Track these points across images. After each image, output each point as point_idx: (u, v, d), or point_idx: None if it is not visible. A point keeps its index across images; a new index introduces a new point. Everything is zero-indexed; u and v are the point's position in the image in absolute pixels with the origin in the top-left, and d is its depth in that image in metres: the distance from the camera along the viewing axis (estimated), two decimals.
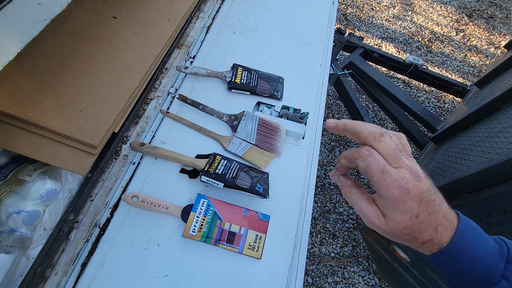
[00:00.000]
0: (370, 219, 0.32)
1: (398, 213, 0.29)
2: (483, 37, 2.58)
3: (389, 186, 0.28)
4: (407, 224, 0.29)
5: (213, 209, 0.55)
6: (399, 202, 0.29)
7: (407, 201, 0.29)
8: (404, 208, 0.29)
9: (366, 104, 2.07)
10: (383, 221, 0.31)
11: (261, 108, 0.74)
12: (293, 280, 0.54)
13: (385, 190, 0.29)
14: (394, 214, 0.30)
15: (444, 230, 0.30)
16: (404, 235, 0.30)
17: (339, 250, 1.52)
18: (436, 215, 0.30)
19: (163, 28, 0.76)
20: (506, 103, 0.98)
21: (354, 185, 0.34)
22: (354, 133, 0.32)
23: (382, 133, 0.30)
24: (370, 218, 0.31)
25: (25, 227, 0.52)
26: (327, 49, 0.91)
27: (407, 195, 0.28)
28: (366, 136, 0.31)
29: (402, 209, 0.29)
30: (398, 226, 0.30)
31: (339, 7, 2.63)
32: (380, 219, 0.31)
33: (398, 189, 0.28)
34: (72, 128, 0.56)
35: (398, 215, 0.29)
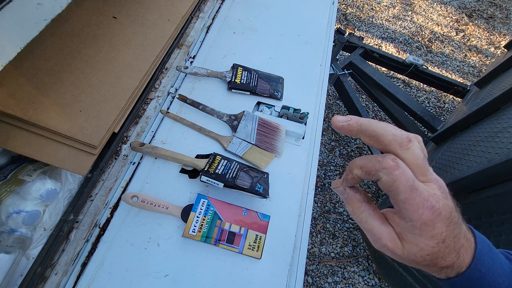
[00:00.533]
0: (382, 242, 0.26)
1: (424, 238, 0.24)
2: (483, 37, 2.58)
3: (418, 207, 0.23)
4: (431, 251, 0.25)
5: (213, 209, 0.55)
6: (428, 226, 0.24)
7: (437, 224, 0.24)
8: (433, 233, 0.24)
9: (366, 104, 2.07)
10: (399, 246, 0.26)
11: (261, 108, 0.74)
12: (293, 280, 0.54)
13: (412, 211, 0.24)
14: (418, 240, 0.25)
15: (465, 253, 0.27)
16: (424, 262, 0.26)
17: (339, 250, 1.52)
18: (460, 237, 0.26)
19: (163, 28, 0.76)
20: (506, 103, 0.98)
21: (364, 200, 0.28)
22: (374, 136, 0.25)
23: (409, 139, 0.24)
24: (383, 241, 0.26)
25: (25, 227, 0.52)
26: (327, 49, 0.91)
27: (438, 217, 0.24)
28: (390, 141, 0.25)
29: (430, 234, 0.24)
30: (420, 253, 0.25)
31: (339, 7, 2.63)
32: (395, 242, 0.26)
33: (429, 210, 0.24)
34: (72, 128, 0.56)
35: (424, 241, 0.25)
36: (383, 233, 0.26)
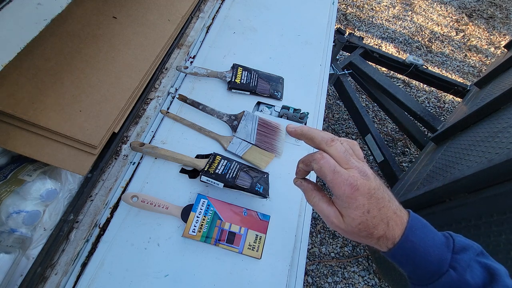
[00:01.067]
0: (330, 219, 0.34)
1: (352, 209, 0.32)
2: (483, 37, 2.58)
3: (340, 184, 0.32)
4: (361, 220, 0.32)
5: (213, 209, 0.55)
6: (351, 198, 0.32)
7: (358, 197, 0.31)
8: (356, 204, 0.32)
9: (366, 104, 2.07)
10: (341, 220, 0.33)
11: (261, 108, 0.74)
12: (293, 280, 0.54)
13: (337, 188, 0.32)
14: (349, 211, 0.32)
15: (396, 225, 0.33)
16: (360, 232, 0.33)
17: (339, 250, 1.52)
18: (386, 210, 0.33)
19: (163, 28, 0.76)
20: (506, 103, 0.98)
21: (315, 189, 0.37)
22: (309, 138, 0.36)
23: (333, 139, 0.34)
24: (330, 218, 0.34)
25: (25, 227, 0.52)
26: (327, 49, 0.91)
27: (357, 192, 0.31)
28: (319, 141, 0.35)
29: (355, 205, 0.32)
30: (353, 223, 0.32)
31: (339, 7, 2.63)
32: (338, 218, 0.33)
33: (348, 187, 0.31)
34: (72, 128, 0.56)
35: (352, 211, 0.32)
36: (330, 212, 0.34)
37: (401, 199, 1.08)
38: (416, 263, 0.33)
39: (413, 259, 0.33)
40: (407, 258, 0.33)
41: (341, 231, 0.34)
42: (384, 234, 0.33)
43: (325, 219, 0.35)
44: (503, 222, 0.71)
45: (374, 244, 0.34)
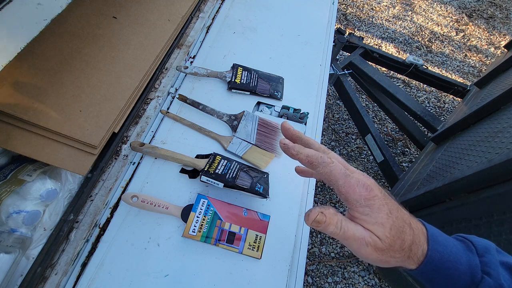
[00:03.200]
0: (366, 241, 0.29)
1: (375, 213, 0.29)
2: (483, 37, 2.58)
3: (354, 187, 0.29)
4: (390, 224, 0.29)
5: (213, 209, 0.55)
6: (370, 200, 0.29)
7: (375, 197, 0.29)
8: (377, 205, 0.29)
9: (366, 104, 2.07)
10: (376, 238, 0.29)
11: (261, 108, 0.74)
12: (293, 280, 0.54)
13: (352, 192, 0.29)
14: (373, 216, 0.29)
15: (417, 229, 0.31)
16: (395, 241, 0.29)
17: (339, 250, 1.52)
18: (402, 211, 0.31)
19: (163, 28, 0.76)
20: (506, 103, 0.98)
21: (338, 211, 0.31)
22: (307, 144, 0.35)
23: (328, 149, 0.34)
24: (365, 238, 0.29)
25: (25, 227, 0.52)
26: (327, 49, 0.91)
27: (372, 192, 0.29)
28: (319, 147, 0.34)
29: (376, 206, 0.29)
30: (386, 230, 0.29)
31: (339, 7, 2.63)
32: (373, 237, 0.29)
33: (363, 187, 0.29)
34: (72, 128, 0.56)
35: (377, 215, 0.29)
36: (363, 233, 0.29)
37: (401, 199, 1.08)
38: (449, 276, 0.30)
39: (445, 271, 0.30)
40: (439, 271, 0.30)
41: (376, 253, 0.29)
42: (413, 239, 0.30)
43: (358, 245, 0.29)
44: (503, 222, 0.71)
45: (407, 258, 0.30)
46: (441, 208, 0.88)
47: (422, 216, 0.37)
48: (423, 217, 0.36)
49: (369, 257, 0.30)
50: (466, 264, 0.30)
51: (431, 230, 0.31)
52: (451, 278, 0.30)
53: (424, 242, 0.30)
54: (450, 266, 0.30)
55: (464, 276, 0.30)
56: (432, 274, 0.30)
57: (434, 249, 0.30)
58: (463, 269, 0.30)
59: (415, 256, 0.30)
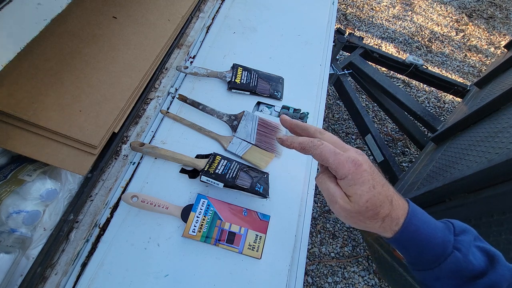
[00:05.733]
0: (335, 199, 0.34)
1: (358, 185, 0.32)
2: (483, 37, 2.58)
3: (344, 163, 0.33)
4: (368, 196, 0.32)
5: (213, 209, 0.55)
6: (356, 174, 0.32)
7: (363, 172, 0.32)
8: (362, 179, 0.32)
9: (366, 104, 2.07)
10: (348, 201, 0.33)
11: (261, 108, 0.74)
12: (293, 280, 0.54)
13: (341, 167, 0.33)
14: (355, 188, 0.32)
15: (398, 206, 0.34)
16: (367, 211, 0.33)
17: (339, 250, 1.52)
18: (387, 188, 0.34)
19: (163, 28, 0.76)
20: (506, 103, 0.98)
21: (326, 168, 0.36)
22: (303, 129, 0.39)
23: (324, 130, 0.38)
24: (336, 197, 0.34)
25: (25, 227, 0.52)
26: (327, 49, 0.91)
27: (361, 167, 0.33)
28: (314, 131, 0.38)
29: (361, 180, 0.32)
30: (361, 200, 0.32)
31: (339, 7, 2.63)
32: (344, 199, 0.34)
33: (352, 163, 0.33)
34: (72, 128, 0.56)
35: (359, 188, 0.32)
36: (336, 192, 0.34)
37: None
38: (421, 247, 0.33)
39: (418, 243, 0.33)
40: (412, 242, 0.34)
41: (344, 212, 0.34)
42: (389, 213, 0.33)
43: (330, 199, 0.35)
44: (503, 222, 0.71)
45: (379, 227, 0.34)
46: (441, 208, 0.87)
47: None
48: None
49: (338, 214, 0.35)
50: (440, 239, 0.33)
51: (413, 208, 0.35)
52: (423, 249, 0.33)
53: (402, 217, 0.34)
54: (424, 239, 0.33)
55: (436, 249, 0.33)
56: (405, 242, 0.34)
57: (411, 223, 0.34)
58: (436, 242, 0.33)
59: (387, 226, 0.34)
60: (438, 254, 0.33)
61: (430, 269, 0.34)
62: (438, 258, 0.33)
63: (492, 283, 0.32)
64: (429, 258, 0.34)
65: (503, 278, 0.32)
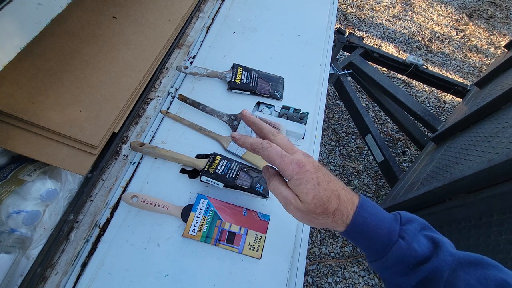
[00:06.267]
0: (289, 201, 0.36)
1: (303, 184, 0.35)
2: (483, 37, 2.58)
3: (288, 164, 0.35)
4: (314, 193, 0.34)
5: (213, 209, 0.55)
6: (300, 174, 0.35)
7: (306, 172, 0.35)
8: (306, 178, 0.34)
9: (366, 104, 2.07)
10: (299, 201, 0.35)
11: (261, 108, 0.74)
12: (293, 280, 0.54)
13: (286, 168, 0.35)
14: (301, 187, 0.35)
15: (347, 200, 0.36)
16: (316, 208, 0.35)
17: (339, 250, 1.52)
18: (334, 184, 0.36)
19: (163, 28, 0.76)
20: (506, 103, 0.98)
21: (276, 174, 0.40)
22: (259, 128, 0.41)
23: (278, 132, 0.40)
24: (289, 199, 0.36)
25: (25, 227, 0.52)
26: (327, 49, 0.91)
27: (304, 167, 0.35)
28: (267, 131, 0.40)
29: (305, 179, 0.35)
30: (308, 197, 0.34)
31: (339, 7, 2.63)
32: (296, 199, 0.36)
33: (296, 164, 0.35)
34: (72, 128, 0.56)
35: (304, 186, 0.35)
36: (289, 194, 0.36)
37: (401, 199, 1.08)
38: (370, 238, 0.35)
39: (367, 234, 0.35)
40: (361, 234, 0.36)
41: (299, 213, 0.36)
42: (338, 207, 0.35)
43: (284, 202, 0.37)
44: (503, 222, 0.71)
45: (331, 222, 0.36)
46: (441, 208, 0.87)
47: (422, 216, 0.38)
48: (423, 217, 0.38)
49: (294, 215, 0.37)
50: (387, 229, 0.35)
51: (363, 201, 0.37)
52: (371, 240, 0.35)
53: (351, 210, 0.36)
54: (371, 230, 0.35)
55: (383, 239, 0.35)
56: (355, 235, 0.36)
57: (360, 215, 0.36)
58: (383, 233, 0.35)
59: (339, 220, 0.36)
60: (385, 244, 0.35)
61: (379, 259, 0.35)
62: (385, 248, 0.35)
63: (434, 268, 0.33)
64: (378, 248, 0.35)
65: (445, 263, 0.33)
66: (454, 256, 0.34)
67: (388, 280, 0.37)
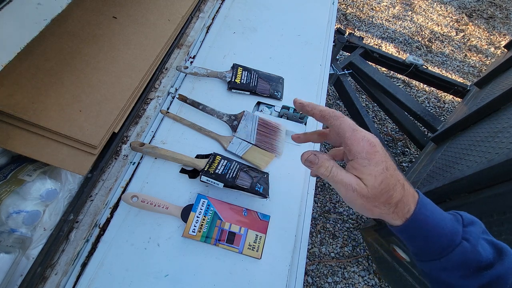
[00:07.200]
0: (352, 187, 0.32)
1: (373, 166, 0.32)
2: (483, 37, 2.58)
3: (359, 140, 0.32)
4: (382, 177, 0.32)
5: (213, 209, 0.55)
6: (371, 154, 0.32)
7: (376, 152, 0.32)
8: (376, 160, 0.32)
9: (366, 104, 2.07)
10: (363, 186, 0.32)
11: (261, 108, 0.74)
12: (293, 280, 0.54)
13: (356, 144, 0.32)
14: (369, 168, 0.32)
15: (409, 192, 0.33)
16: (382, 194, 0.32)
17: (339, 250, 1.52)
18: (399, 173, 0.34)
19: (163, 28, 0.76)
20: (506, 103, 0.98)
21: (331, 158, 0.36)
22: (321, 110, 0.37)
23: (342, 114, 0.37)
24: (353, 185, 0.32)
25: (25, 227, 0.52)
26: (327, 49, 0.91)
27: (375, 147, 0.32)
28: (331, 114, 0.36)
29: (375, 160, 0.32)
30: (376, 182, 0.32)
31: (339, 7, 2.63)
32: (360, 184, 0.32)
33: (367, 143, 0.32)
34: (72, 128, 0.56)
35: (373, 168, 0.32)
36: (351, 179, 0.33)
37: None
38: (430, 236, 0.33)
39: (427, 232, 0.33)
40: (420, 232, 0.33)
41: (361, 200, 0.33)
42: (402, 198, 0.33)
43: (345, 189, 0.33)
44: (503, 222, 0.71)
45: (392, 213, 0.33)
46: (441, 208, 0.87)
47: None
48: None
49: (354, 202, 0.33)
50: (449, 229, 0.33)
51: (422, 197, 0.34)
52: (431, 238, 0.33)
53: (413, 203, 0.33)
54: (432, 229, 0.33)
55: (444, 239, 0.33)
56: (414, 231, 0.34)
57: (421, 212, 0.33)
58: (445, 233, 0.33)
59: (400, 212, 0.33)
60: (446, 245, 0.33)
61: (437, 259, 0.33)
62: (446, 248, 0.33)
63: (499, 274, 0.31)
64: (437, 248, 0.33)
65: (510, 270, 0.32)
66: None
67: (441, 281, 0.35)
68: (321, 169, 0.34)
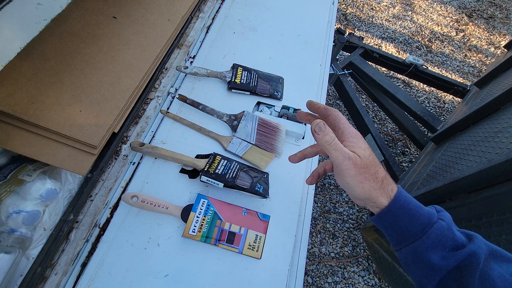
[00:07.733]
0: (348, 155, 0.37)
1: (362, 142, 0.39)
2: (483, 37, 2.58)
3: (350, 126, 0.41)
4: (369, 151, 0.38)
5: (213, 209, 0.55)
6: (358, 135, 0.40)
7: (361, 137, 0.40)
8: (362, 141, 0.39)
9: (366, 104, 2.07)
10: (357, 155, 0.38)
11: (261, 108, 0.74)
12: (293, 280, 0.54)
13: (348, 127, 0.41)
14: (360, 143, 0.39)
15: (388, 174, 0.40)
16: (371, 165, 0.38)
17: (339, 250, 1.52)
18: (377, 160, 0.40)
19: (163, 28, 0.76)
20: (506, 103, 0.98)
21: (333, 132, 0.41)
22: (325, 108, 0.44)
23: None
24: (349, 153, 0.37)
25: (25, 227, 0.52)
26: (327, 49, 0.91)
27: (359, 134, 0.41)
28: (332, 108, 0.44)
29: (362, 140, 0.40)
30: (366, 153, 0.38)
31: (339, 7, 2.63)
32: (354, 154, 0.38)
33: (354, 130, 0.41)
34: (72, 128, 0.56)
35: (362, 143, 0.39)
36: (348, 150, 0.38)
37: None
38: (412, 216, 0.37)
39: (409, 212, 0.37)
40: (404, 211, 0.37)
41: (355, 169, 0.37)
42: (386, 175, 0.39)
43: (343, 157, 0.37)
44: (503, 222, 0.71)
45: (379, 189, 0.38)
46: None
47: None
48: None
49: (348, 172, 0.37)
50: (427, 210, 0.38)
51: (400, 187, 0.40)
52: (413, 217, 0.37)
53: (394, 185, 0.39)
54: (413, 208, 0.37)
55: (424, 218, 0.37)
56: (398, 212, 0.38)
57: (402, 193, 0.38)
58: (423, 212, 0.37)
59: (385, 189, 0.38)
60: (426, 222, 0.37)
61: (418, 238, 0.36)
62: (426, 225, 0.36)
63: (472, 252, 0.35)
64: (419, 226, 0.37)
65: (481, 250, 0.35)
66: (488, 245, 0.36)
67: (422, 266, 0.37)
68: (326, 136, 0.38)
